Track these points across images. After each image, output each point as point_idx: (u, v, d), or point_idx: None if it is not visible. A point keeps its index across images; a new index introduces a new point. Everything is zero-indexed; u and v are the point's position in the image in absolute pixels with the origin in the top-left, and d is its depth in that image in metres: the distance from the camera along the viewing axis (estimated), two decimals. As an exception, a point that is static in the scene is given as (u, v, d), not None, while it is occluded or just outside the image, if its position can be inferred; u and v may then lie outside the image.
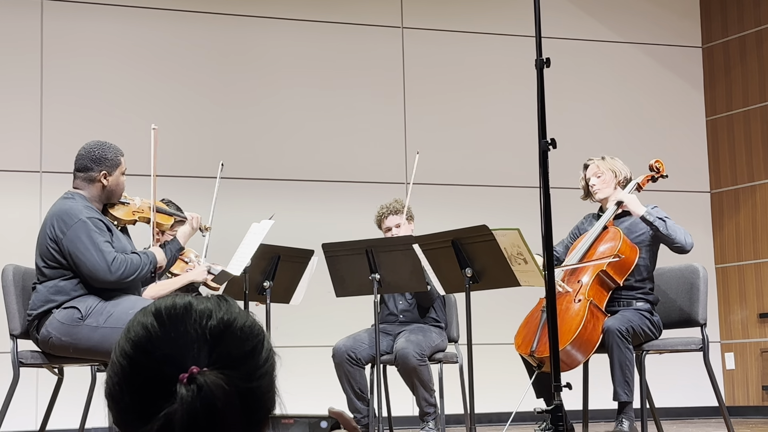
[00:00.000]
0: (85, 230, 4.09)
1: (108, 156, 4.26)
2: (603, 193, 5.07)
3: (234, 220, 6.41)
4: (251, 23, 7.64)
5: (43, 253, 4.19)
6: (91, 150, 4.27)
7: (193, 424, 1.11)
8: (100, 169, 4.24)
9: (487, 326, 7.02)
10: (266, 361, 1.20)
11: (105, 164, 4.25)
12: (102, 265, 4.06)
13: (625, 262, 4.89)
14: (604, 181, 5.07)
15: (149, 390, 1.14)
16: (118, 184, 4.29)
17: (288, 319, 6.29)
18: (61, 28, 7.21)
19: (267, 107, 7.60)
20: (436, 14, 8.04)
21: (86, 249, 4.07)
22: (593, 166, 5.11)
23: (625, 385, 4.67)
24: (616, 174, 5.07)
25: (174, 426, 1.12)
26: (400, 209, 5.49)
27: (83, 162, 4.26)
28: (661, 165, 5.17)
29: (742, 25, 8.44)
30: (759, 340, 8.14)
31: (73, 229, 4.09)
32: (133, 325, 1.19)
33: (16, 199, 6.99)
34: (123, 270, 4.09)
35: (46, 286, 4.17)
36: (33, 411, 6.52)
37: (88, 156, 4.26)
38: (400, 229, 5.44)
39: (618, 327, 4.70)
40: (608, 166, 5.08)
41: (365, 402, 5.25)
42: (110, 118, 7.17)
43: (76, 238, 4.08)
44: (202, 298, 1.22)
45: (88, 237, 4.09)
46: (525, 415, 4.68)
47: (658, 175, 5.16)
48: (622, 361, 4.67)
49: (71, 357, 4.22)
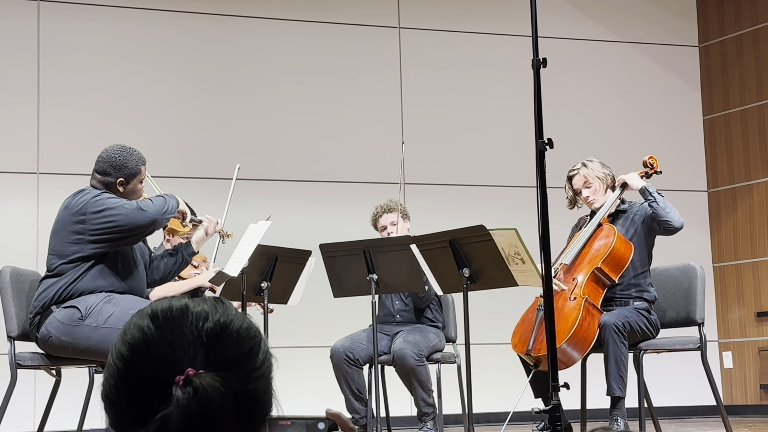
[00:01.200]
0: (102, 199, 4.15)
1: (129, 165, 4.24)
2: (598, 202, 5.08)
3: (231, 220, 6.40)
4: (248, 24, 7.64)
5: (64, 239, 4.16)
6: (113, 155, 4.24)
7: (189, 426, 1.11)
8: (117, 176, 4.22)
9: (485, 326, 7.02)
10: (263, 363, 1.20)
11: (124, 172, 4.23)
12: (134, 212, 4.11)
13: (620, 258, 4.89)
14: (595, 190, 5.07)
15: (145, 392, 1.14)
16: (134, 191, 4.28)
17: (285, 319, 6.29)
18: (58, 29, 7.20)
19: (264, 108, 7.60)
20: (433, 14, 8.04)
21: (113, 208, 4.11)
22: (579, 178, 5.10)
23: (619, 380, 4.68)
24: (603, 179, 5.07)
25: (170, 428, 1.12)
26: (394, 207, 5.49)
27: (103, 165, 4.23)
28: (655, 161, 5.16)
29: (738, 24, 8.44)
30: (756, 339, 8.15)
31: (95, 200, 4.14)
32: (129, 328, 1.19)
33: (13, 200, 6.99)
34: (152, 207, 4.15)
35: (62, 276, 4.15)
36: (31, 412, 6.52)
37: (109, 161, 4.23)
38: (396, 226, 5.44)
39: (614, 322, 4.71)
40: (594, 173, 5.07)
41: (363, 402, 5.25)
42: (107, 119, 7.17)
43: (102, 206, 4.12)
44: (198, 300, 1.22)
45: (109, 199, 4.15)
46: (523, 414, 4.69)
47: (652, 171, 5.14)
48: (617, 355, 4.67)
49: (70, 357, 4.22)
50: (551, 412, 3.61)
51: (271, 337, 4.59)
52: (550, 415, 3.62)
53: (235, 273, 4.63)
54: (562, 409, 3.69)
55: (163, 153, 7.33)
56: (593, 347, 4.78)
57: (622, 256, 4.90)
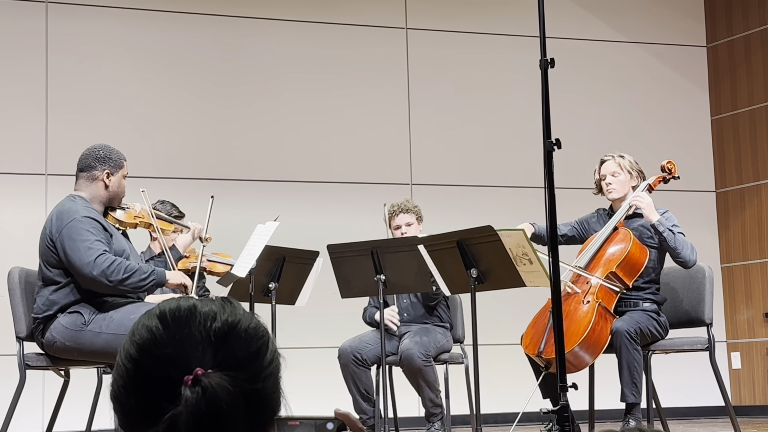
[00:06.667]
0: (77, 227, 4.09)
1: (112, 157, 4.30)
2: (617, 193, 5.03)
3: (238, 221, 6.42)
4: (255, 25, 7.64)
5: (43, 253, 4.20)
6: (95, 150, 4.31)
7: (198, 426, 1.11)
8: (103, 168, 4.26)
9: (493, 327, 7.01)
10: (271, 362, 1.20)
11: (108, 164, 4.27)
12: (87, 259, 4.02)
13: (635, 263, 4.86)
14: (620, 182, 5.02)
15: (154, 392, 1.14)
16: (119, 185, 4.30)
17: (293, 320, 6.29)
18: (66, 31, 7.22)
19: (271, 109, 7.61)
20: (440, 15, 8.04)
21: (74, 244, 4.06)
22: (611, 164, 5.05)
23: (633, 386, 4.67)
24: (633, 176, 5.03)
25: (179, 428, 1.12)
26: (411, 208, 5.49)
27: (87, 161, 4.28)
28: (673, 166, 5.13)
29: (746, 24, 8.42)
30: (765, 339, 8.13)
31: (68, 226, 4.09)
32: (137, 328, 1.19)
33: (22, 201, 7.00)
34: (107, 267, 4.01)
35: (48, 289, 4.17)
36: (39, 413, 6.53)
37: (92, 155, 4.29)
38: (410, 227, 5.44)
39: (626, 329, 4.69)
40: (627, 166, 5.03)
41: (371, 403, 5.25)
42: (115, 120, 7.18)
43: (68, 236, 4.08)
44: (206, 300, 1.22)
45: (79, 233, 4.08)
46: (531, 415, 4.68)
47: (669, 176, 5.11)
48: (630, 362, 4.66)
49: (77, 360, 4.23)
50: (559, 413, 3.61)
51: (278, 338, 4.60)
52: (558, 416, 3.61)
53: (242, 274, 4.63)
54: (571, 410, 3.68)
55: (172, 154, 7.34)
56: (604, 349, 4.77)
57: (637, 261, 4.86)
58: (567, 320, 4.57)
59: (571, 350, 4.58)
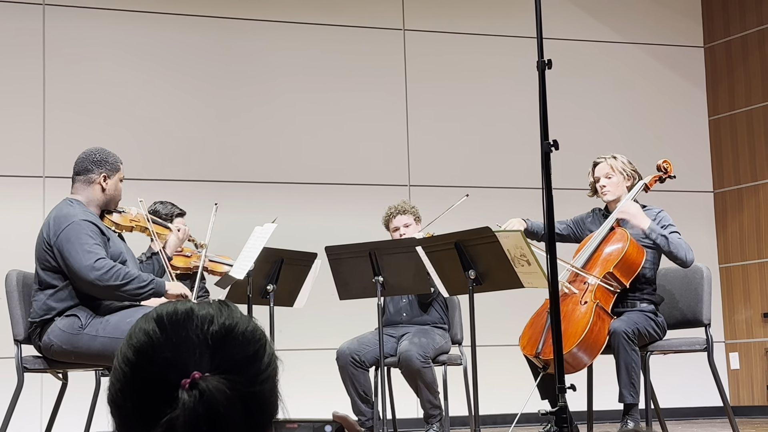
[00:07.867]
0: (76, 231, 4.09)
1: (108, 160, 4.30)
2: (612, 195, 5.02)
3: (237, 223, 6.41)
4: (254, 27, 7.64)
5: (39, 257, 4.20)
6: (92, 153, 4.31)
7: (195, 429, 1.11)
8: (100, 171, 4.26)
9: (491, 328, 7.01)
10: (268, 365, 1.20)
11: (105, 167, 4.28)
12: (86, 263, 4.03)
13: (632, 264, 4.86)
14: (614, 184, 5.01)
15: (151, 396, 1.14)
16: (116, 189, 4.31)
17: (292, 322, 6.29)
18: (64, 33, 7.22)
19: (269, 110, 7.61)
20: (438, 16, 8.04)
21: (73, 247, 4.06)
22: (604, 166, 5.04)
23: (631, 387, 4.66)
24: (626, 176, 5.03)
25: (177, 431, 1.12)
26: (408, 209, 5.50)
27: (83, 164, 4.29)
28: (669, 165, 5.13)
29: (744, 25, 8.43)
30: (763, 339, 8.13)
31: (66, 230, 4.10)
32: (135, 332, 1.19)
33: (20, 204, 7.00)
34: (105, 271, 4.02)
35: (45, 293, 4.17)
36: (38, 416, 6.52)
37: (89, 159, 4.29)
38: (408, 228, 5.44)
39: (624, 329, 4.68)
40: (619, 167, 5.02)
41: (370, 405, 5.24)
42: (113, 122, 7.18)
43: (66, 239, 4.08)
44: (203, 303, 1.22)
45: (78, 237, 4.08)
46: (530, 416, 4.67)
47: (665, 176, 5.11)
48: (628, 363, 4.66)
49: (74, 363, 4.23)
50: (558, 414, 3.61)
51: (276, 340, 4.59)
52: (556, 417, 3.61)
53: (240, 276, 4.63)
54: (569, 411, 3.68)
55: (170, 157, 7.34)
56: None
57: (634, 261, 4.86)
58: (565, 321, 4.57)
59: (569, 351, 4.58)
